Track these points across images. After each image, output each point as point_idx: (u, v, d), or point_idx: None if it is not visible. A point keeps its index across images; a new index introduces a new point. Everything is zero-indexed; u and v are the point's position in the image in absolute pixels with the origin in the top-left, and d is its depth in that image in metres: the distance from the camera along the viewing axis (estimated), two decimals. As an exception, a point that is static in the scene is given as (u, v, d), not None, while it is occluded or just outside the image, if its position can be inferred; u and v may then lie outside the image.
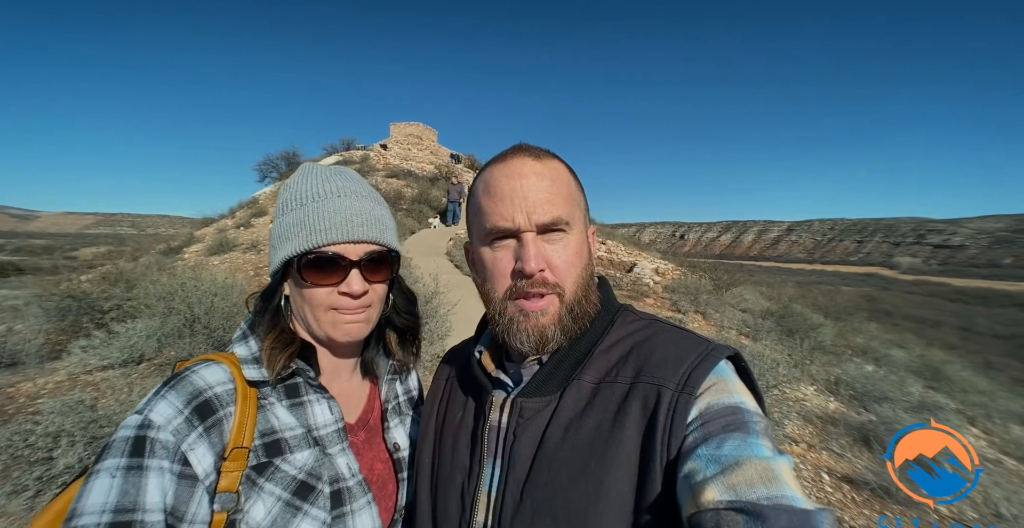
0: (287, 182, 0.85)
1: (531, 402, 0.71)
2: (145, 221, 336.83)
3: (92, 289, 5.67)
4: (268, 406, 0.76)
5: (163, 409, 0.65)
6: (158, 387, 0.69)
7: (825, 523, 0.45)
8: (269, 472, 0.71)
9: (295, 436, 0.76)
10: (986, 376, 8.45)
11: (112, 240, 34.05)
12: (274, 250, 0.81)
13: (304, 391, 0.81)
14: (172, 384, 0.69)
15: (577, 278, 0.72)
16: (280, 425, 0.76)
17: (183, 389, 0.68)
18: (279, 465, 0.73)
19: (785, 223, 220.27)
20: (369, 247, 0.81)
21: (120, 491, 0.58)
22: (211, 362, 0.74)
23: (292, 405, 0.79)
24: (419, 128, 39.01)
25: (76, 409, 2.74)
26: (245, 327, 0.83)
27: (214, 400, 0.69)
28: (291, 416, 0.78)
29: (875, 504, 3.08)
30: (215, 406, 0.69)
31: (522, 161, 0.72)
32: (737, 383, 0.64)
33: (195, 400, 0.68)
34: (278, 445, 0.74)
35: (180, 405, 0.66)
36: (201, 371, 0.72)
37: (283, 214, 0.81)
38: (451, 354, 0.99)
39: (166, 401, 0.66)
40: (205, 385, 0.70)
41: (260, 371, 0.76)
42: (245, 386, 0.74)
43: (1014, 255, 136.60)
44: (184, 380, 0.69)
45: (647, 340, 0.71)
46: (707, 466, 0.53)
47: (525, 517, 0.64)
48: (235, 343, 0.81)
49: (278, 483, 0.71)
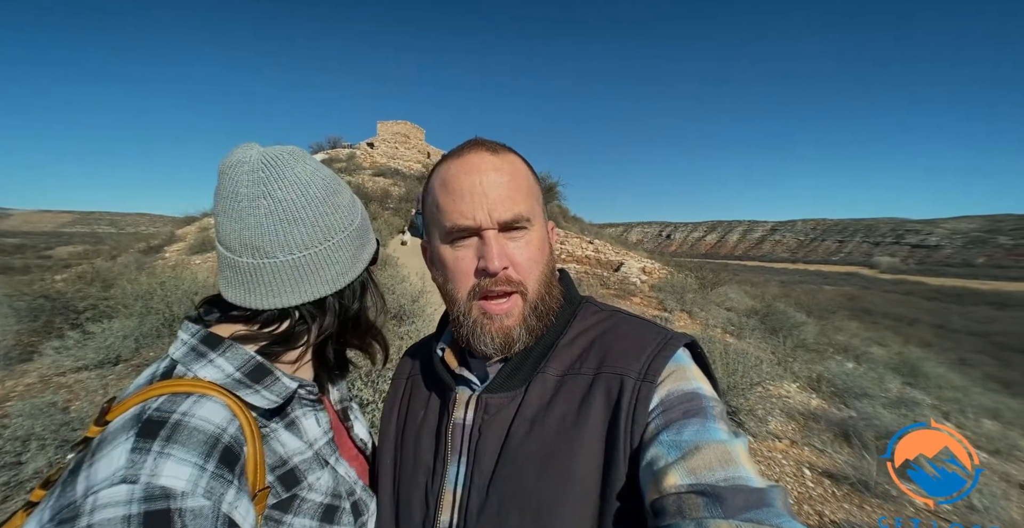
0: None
1: (496, 398, 0.70)
2: (124, 220, 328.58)
3: (67, 289, 5.50)
4: (271, 434, 0.66)
5: (176, 470, 0.50)
6: (134, 443, 0.50)
7: (777, 499, 0.48)
8: (295, 506, 0.64)
9: (305, 460, 0.69)
10: (960, 372, 8.72)
11: (89, 239, 32.96)
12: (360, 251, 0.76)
13: (291, 407, 0.71)
14: (167, 436, 0.52)
15: (540, 275, 0.72)
16: (287, 452, 0.67)
17: (191, 439, 0.53)
18: (304, 496, 0.66)
19: (769, 223, 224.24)
20: None
21: None
22: (194, 396, 0.58)
23: (287, 425, 0.70)
24: (406, 126, 38.74)
25: (47, 412, 2.65)
26: (195, 342, 0.64)
27: (234, 444, 0.57)
28: (294, 439, 0.69)
29: (854, 498, 3.14)
30: (236, 450, 0.57)
31: (479, 156, 0.70)
32: (695, 369, 0.66)
33: (215, 449, 0.54)
34: (293, 475, 0.66)
35: (199, 460, 0.52)
36: (197, 411, 0.56)
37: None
38: (411, 352, 0.96)
39: (174, 459, 0.50)
40: (216, 428, 0.56)
41: (263, 395, 0.64)
42: (248, 417, 0.61)
43: (987, 255, 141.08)
44: (183, 427, 0.53)
45: (608, 331, 0.72)
46: (668, 452, 0.55)
47: (491, 513, 0.63)
48: (189, 364, 0.62)
49: (306, 514, 0.65)
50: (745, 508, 0.47)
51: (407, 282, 6.37)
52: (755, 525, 0.45)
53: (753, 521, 0.45)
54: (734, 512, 0.46)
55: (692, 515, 0.48)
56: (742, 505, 0.47)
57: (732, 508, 0.47)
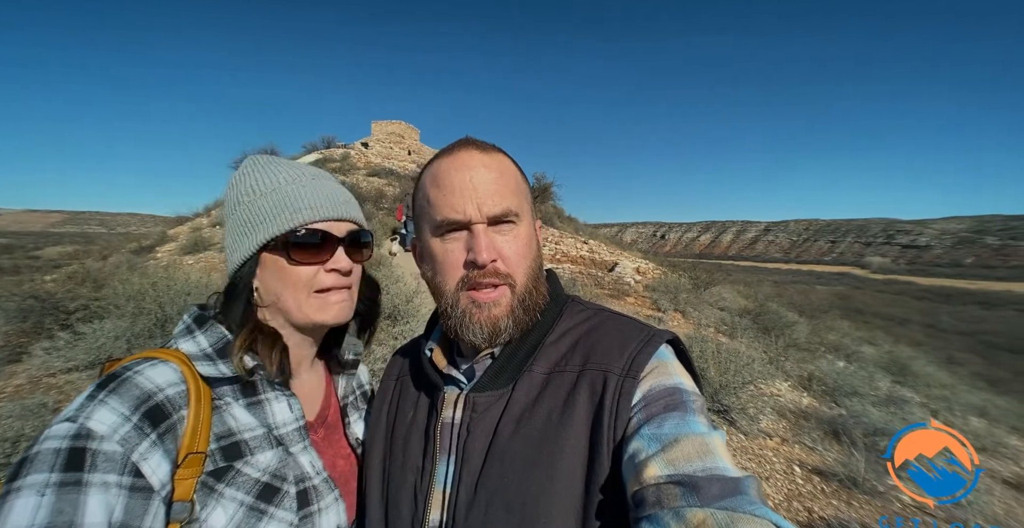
0: (238, 174, 0.82)
1: (484, 396, 0.71)
2: (115, 220, 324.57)
3: (57, 289, 5.45)
4: (224, 406, 0.71)
5: (104, 416, 0.57)
6: (91, 390, 0.60)
7: (751, 488, 0.50)
8: (229, 477, 0.67)
9: (255, 437, 0.72)
10: (948, 371, 8.85)
11: (80, 239, 32.55)
12: (243, 237, 0.77)
13: (262, 389, 0.76)
14: (112, 387, 0.61)
15: (527, 269, 0.73)
16: (239, 426, 0.71)
17: (128, 392, 0.60)
18: (240, 468, 0.68)
19: (762, 223, 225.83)
20: (351, 226, 0.81)
21: (52, 511, 0.50)
22: (155, 360, 0.67)
23: (250, 404, 0.74)
24: (401, 127, 38.62)
25: (37, 413, 2.63)
26: (190, 321, 0.76)
27: (166, 403, 0.63)
28: (250, 416, 0.73)
29: (843, 494, 3.19)
30: (168, 410, 0.63)
31: (469, 154, 0.72)
32: (676, 365, 0.67)
33: (145, 404, 0.61)
34: (237, 447, 0.69)
35: (126, 411, 0.59)
36: (147, 371, 0.64)
37: (251, 201, 0.78)
38: (400, 353, 0.98)
39: (107, 407, 0.58)
40: (154, 387, 0.63)
41: (218, 368, 0.71)
42: (199, 386, 0.68)
43: (975, 255, 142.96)
44: (127, 382, 0.62)
45: (594, 329, 0.73)
46: (649, 444, 0.56)
47: (479, 510, 0.64)
48: (178, 338, 0.74)
49: (240, 487, 0.67)
50: (720, 496, 0.48)
51: (401, 282, 6.37)
52: (729, 513, 0.46)
53: (727, 509, 0.47)
54: (709, 500, 0.48)
55: (670, 504, 0.49)
56: (717, 493, 0.49)
57: (708, 496, 0.48)
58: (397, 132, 37.99)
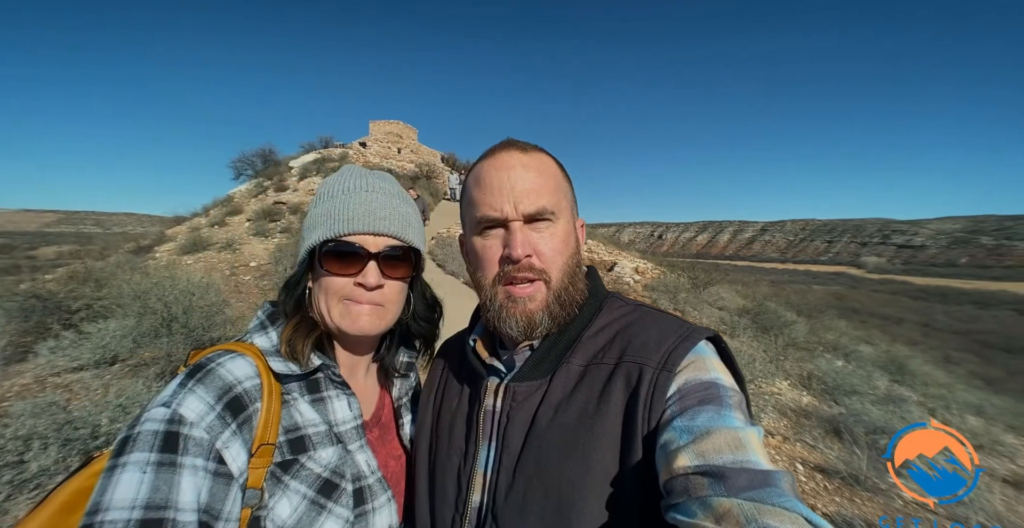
0: (324, 179, 0.88)
1: (523, 386, 0.74)
2: (111, 219, 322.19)
3: (58, 289, 5.44)
4: (292, 401, 0.75)
5: (194, 404, 0.62)
6: (182, 378, 0.66)
7: (783, 481, 0.50)
8: (295, 469, 0.70)
9: (318, 433, 0.75)
10: (945, 370, 8.91)
11: (76, 239, 32.04)
12: (302, 240, 0.83)
13: (325, 386, 0.79)
14: (199, 377, 0.66)
15: (563, 265, 0.76)
16: (303, 421, 0.74)
17: (212, 383, 0.65)
18: (304, 462, 0.72)
19: (759, 223, 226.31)
20: (389, 241, 0.81)
21: (152, 487, 0.55)
22: (235, 354, 0.71)
23: (314, 400, 0.77)
24: (399, 126, 38.51)
25: (48, 411, 2.64)
26: (263, 317, 0.81)
27: (244, 396, 0.67)
28: (314, 412, 0.76)
29: (845, 491, 3.23)
30: (246, 402, 0.67)
31: (510, 154, 0.76)
32: (715, 361, 0.68)
33: (227, 396, 0.66)
34: (302, 442, 0.73)
35: (211, 400, 0.64)
36: (227, 364, 0.69)
37: (314, 206, 0.83)
38: (446, 345, 1.02)
39: (195, 395, 0.63)
40: (234, 379, 0.68)
41: (287, 365, 0.74)
42: (271, 380, 0.72)
43: (970, 255, 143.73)
44: (211, 373, 0.67)
45: (632, 324, 0.75)
46: (681, 436, 0.57)
47: (518, 493, 0.67)
48: (253, 333, 0.78)
49: (303, 481, 0.70)
50: (748, 487, 0.48)
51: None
52: (755, 504, 0.46)
53: (754, 500, 0.47)
54: (737, 491, 0.48)
55: (697, 494, 0.50)
56: (745, 484, 0.49)
57: (735, 487, 0.49)
58: (395, 132, 37.87)
